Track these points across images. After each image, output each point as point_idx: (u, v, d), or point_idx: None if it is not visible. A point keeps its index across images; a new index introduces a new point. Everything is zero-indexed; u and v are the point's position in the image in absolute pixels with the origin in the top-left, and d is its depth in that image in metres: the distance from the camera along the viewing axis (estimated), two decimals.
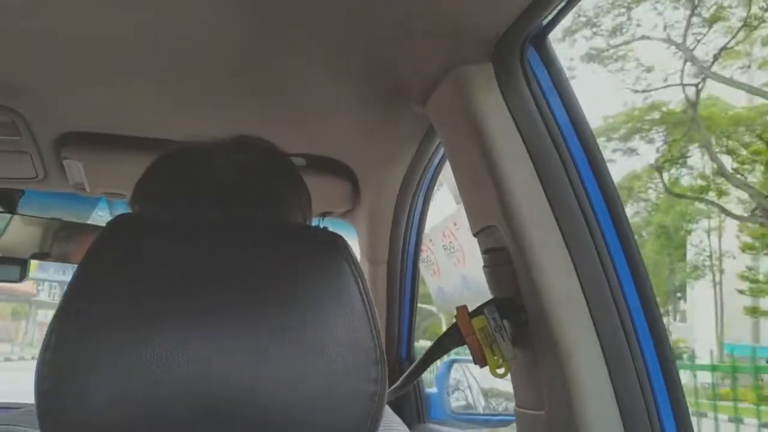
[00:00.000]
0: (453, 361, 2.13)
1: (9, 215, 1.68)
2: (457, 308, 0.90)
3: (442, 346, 0.93)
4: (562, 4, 0.76)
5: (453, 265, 1.61)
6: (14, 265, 1.70)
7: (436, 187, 1.47)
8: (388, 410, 1.00)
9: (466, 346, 0.89)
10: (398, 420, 0.96)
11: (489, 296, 0.92)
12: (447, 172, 1.36)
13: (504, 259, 0.86)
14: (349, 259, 0.59)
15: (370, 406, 0.56)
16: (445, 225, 1.65)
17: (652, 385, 0.80)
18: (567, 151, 0.83)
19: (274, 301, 0.55)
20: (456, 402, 2.12)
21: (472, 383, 2.39)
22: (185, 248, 0.57)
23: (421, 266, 1.62)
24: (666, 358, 0.81)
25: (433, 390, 1.94)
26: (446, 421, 1.91)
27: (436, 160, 1.30)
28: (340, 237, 0.61)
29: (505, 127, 0.83)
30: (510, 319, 0.87)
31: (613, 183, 0.85)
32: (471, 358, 0.89)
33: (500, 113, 0.83)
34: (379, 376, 0.57)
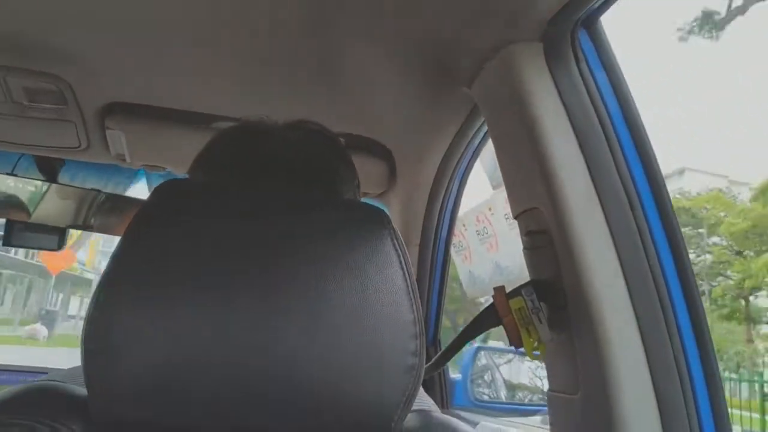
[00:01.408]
0: (479, 349, 2.13)
1: (49, 184, 1.71)
2: (495, 288, 0.90)
3: (478, 325, 0.93)
4: None
5: (486, 251, 1.61)
6: (53, 233, 1.74)
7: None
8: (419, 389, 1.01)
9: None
10: (428, 398, 0.97)
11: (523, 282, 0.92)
12: (484, 157, 1.36)
13: (545, 241, 0.86)
14: (392, 234, 0.60)
15: (408, 380, 0.57)
16: (479, 210, 1.64)
17: (690, 371, 0.79)
18: (614, 136, 0.83)
19: (317, 272, 0.56)
20: (479, 389, 2.12)
21: (495, 373, 2.39)
22: (235, 216, 0.58)
23: (453, 250, 1.62)
24: (705, 345, 0.81)
25: (458, 376, 1.95)
26: (469, 408, 1.92)
27: (475, 144, 1.29)
28: (384, 213, 0.62)
29: (553, 108, 0.82)
30: (548, 301, 0.87)
31: (659, 169, 0.84)
32: (496, 346, 0.89)
33: (548, 94, 0.83)
34: (418, 350, 0.57)
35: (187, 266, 0.55)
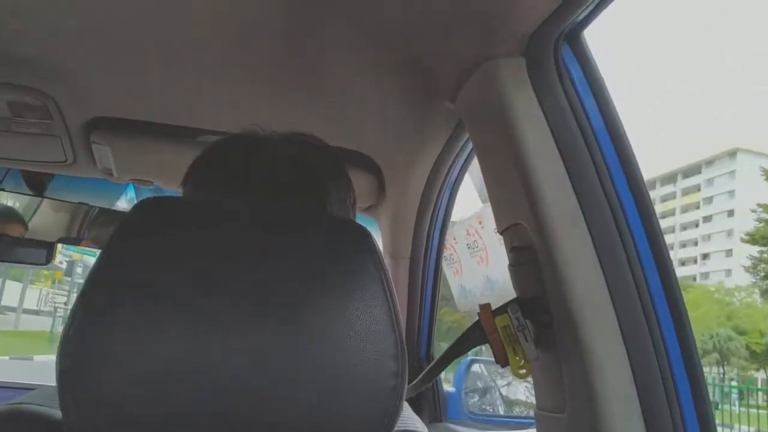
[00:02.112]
0: (472, 361, 2.12)
1: (38, 199, 1.70)
2: (481, 306, 0.89)
3: (464, 343, 0.92)
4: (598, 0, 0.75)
5: (476, 264, 1.60)
6: (41, 248, 1.73)
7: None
8: (405, 406, 1.00)
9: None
10: (415, 417, 0.96)
11: (512, 297, 0.91)
12: (473, 170, 1.36)
13: (529, 257, 0.85)
14: (372, 251, 0.59)
15: (389, 401, 0.56)
16: (469, 223, 1.64)
17: (677, 390, 0.78)
18: (598, 150, 0.82)
19: (295, 291, 0.55)
20: (473, 402, 2.11)
21: (489, 384, 2.38)
22: (210, 234, 0.57)
23: (444, 264, 1.61)
24: (692, 362, 0.80)
25: (451, 389, 1.94)
26: (463, 421, 1.90)
27: (464, 157, 1.29)
28: (365, 229, 0.61)
29: (536, 122, 0.81)
30: (533, 319, 0.86)
31: (644, 184, 0.83)
32: (490, 358, 0.88)
33: (531, 109, 0.82)
34: (399, 371, 0.56)
35: (166, 283, 0.54)
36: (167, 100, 1.27)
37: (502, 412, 2.38)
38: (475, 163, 1.34)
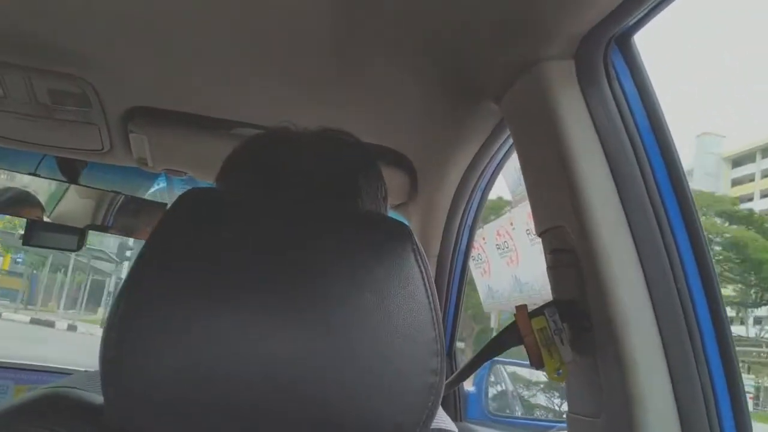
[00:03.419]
0: (494, 362, 2.12)
1: (69, 185, 1.72)
2: (517, 307, 0.88)
3: (499, 343, 0.92)
4: (652, 4, 0.74)
5: (505, 265, 1.59)
6: (72, 234, 1.75)
7: None
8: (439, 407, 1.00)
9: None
10: (446, 415, 0.96)
11: (541, 300, 0.90)
12: (506, 171, 1.35)
13: (570, 261, 0.84)
14: (415, 248, 0.59)
15: (428, 398, 0.56)
16: (500, 224, 1.63)
17: (716, 400, 0.78)
18: (645, 156, 0.81)
19: (339, 286, 0.55)
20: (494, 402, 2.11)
21: (509, 387, 2.38)
22: (257, 228, 0.57)
23: (471, 264, 1.60)
24: (732, 371, 0.79)
25: (472, 389, 1.94)
26: (483, 421, 1.90)
27: (498, 159, 1.28)
28: (407, 227, 0.61)
29: (583, 125, 0.81)
30: (571, 322, 0.86)
31: (689, 190, 0.82)
32: (511, 360, 0.88)
33: (579, 111, 0.81)
34: (438, 368, 0.56)
35: (208, 276, 0.54)
36: (204, 93, 1.28)
37: (520, 414, 2.38)
38: (507, 165, 1.34)
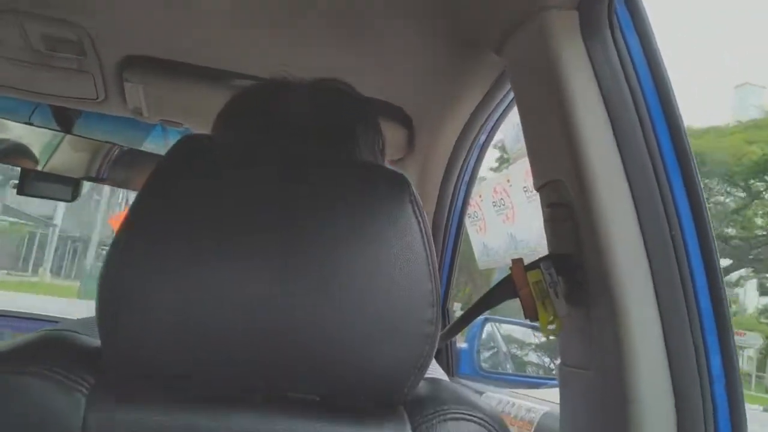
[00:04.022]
0: (486, 320, 2.14)
1: (60, 134, 1.70)
2: (513, 260, 0.89)
3: (494, 296, 0.92)
4: None
5: (501, 223, 1.59)
6: (66, 184, 1.73)
7: None
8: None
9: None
10: (439, 367, 0.97)
11: (536, 257, 0.91)
12: (505, 128, 1.34)
13: (567, 214, 0.84)
14: (413, 199, 0.58)
15: (422, 347, 0.56)
16: (497, 181, 1.63)
17: (708, 355, 0.78)
18: (646, 110, 0.81)
19: (337, 235, 0.55)
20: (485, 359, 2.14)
21: (501, 344, 2.40)
22: (253, 174, 0.57)
23: (467, 221, 1.60)
24: (725, 328, 0.80)
25: (464, 346, 1.96)
26: (474, 377, 1.93)
27: (498, 114, 1.27)
28: (404, 177, 0.61)
29: (585, 78, 0.80)
30: (566, 275, 0.86)
31: (689, 146, 0.82)
32: (504, 318, 0.89)
33: (581, 63, 0.80)
34: (434, 318, 0.57)
35: (204, 222, 0.54)
36: (201, 42, 1.26)
37: (511, 371, 2.41)
38: (507, 122, 1.33)
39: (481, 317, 2.10)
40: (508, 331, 2.42)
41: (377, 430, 0.56)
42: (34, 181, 1.76)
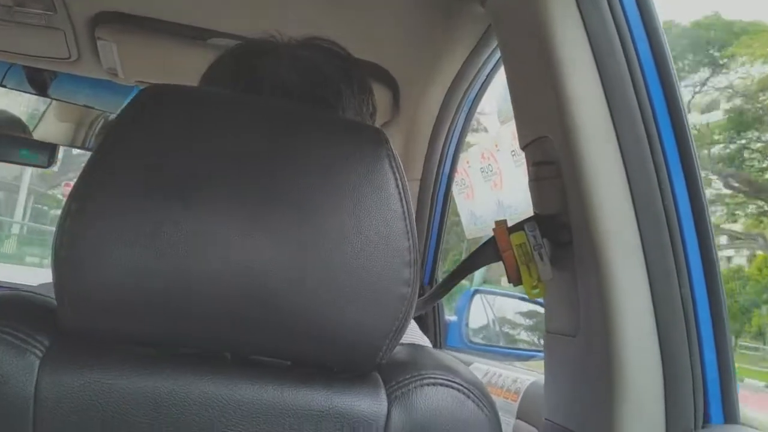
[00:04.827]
0: (476, 291, 2.11)
1: (46, 102, 1.67)
2: (497, 222, 0.86)
3: (477, 259, 0.89)
4: None
5: (489, 189, 1.56)
6: (42, 150, 1.70)
7: None
8: (412, 323, 0.99)
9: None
10: (421, 333, 0.94)
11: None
12: (493, 90, 1.30)
13: (553, 173, 0.81)
14: (390, 155, 0.56)
15: (399, 309, 0.54)
16: (485, 146, 1.59)
17: (697, 317, 0.76)
18: (638, 67, 0.77)
19: (309, 189, 0.52)
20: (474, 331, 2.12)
21: (491, 317, 2.39)
22: (220, 123, 0.54)
23: (454, 188, 1.57)
24: (716, 293, 0.77)
25: (453, 318, 1.94)
26: (463, 349, 1.91)
27: (485, 74, 1.23)
28: (383, 133, 0.58)
29: (574, 30, 0.76)
30: (551, 237, 0.83)
31: (682, 103, 0.78)
32: (495, 290, 0.86)
33: (570, 15, 0.76)
34: (411, 279, 0.54)
35: (167, 176, 0.51)
36: None
37: (501, 344, 2.40)
38: (495, 84, 1.29)
39: (471, 289, 2.09)
40: (502, 311, 2.42)
41: (350, 396, 0.54)
42: (9, 147, 1.72)
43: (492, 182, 1.56)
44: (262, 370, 0.54)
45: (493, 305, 2.35)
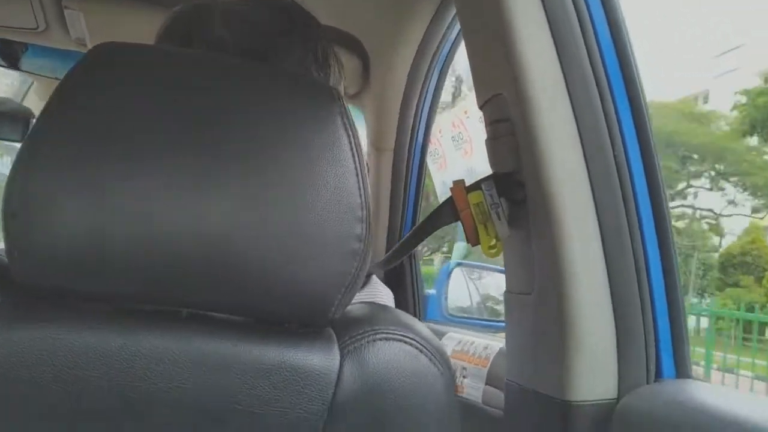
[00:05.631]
0: (458, 264, 2.12)
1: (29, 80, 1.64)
2: (455, 182, 0.86)
3: (435, 220, 0.89)
4: None
5: (460, 157, 1.56)
6: (15, 122, 1.68)
7: None
8: (376, 281, 0.99)
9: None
10: (386, 290, 0.94)
11: None
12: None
13: (507, 130, 0.81)
14: (341, 111, 0.56)
15: (351, 263, 0.54)
16: (455, 114, 1.58)
17: (649, 274, 0.76)
18: (590, 23, 0.76)
19: (256, 142, 0.52)
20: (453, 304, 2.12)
21: (471, 289, 2.39)
22: (166, 79, 0.54)
23: (429, 159, 1.56)
24: (667, 247, 0.78)
25: (432, 292, 1.94)
26: (441, 322, 1.92)
27: (452, 37, 1.22)
28: (336, 90, 0.58)
29: None
30: (508, 195, 0.83)
31: (634, 61, 0.78)
32: (477, 263, 0.87)
33: None
34: (363, 235, 0.54)
35: (116, 130, 0.51)
36: None
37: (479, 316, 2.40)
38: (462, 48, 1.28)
39: (453, 262, 2.09)
40: (487, 287, 2.41)
41: (302, 351, 0.54)
42: None
43: (463, 150, 1.56)
44: (217, 325, 0.54)
45: (479, 281, 2.35)
